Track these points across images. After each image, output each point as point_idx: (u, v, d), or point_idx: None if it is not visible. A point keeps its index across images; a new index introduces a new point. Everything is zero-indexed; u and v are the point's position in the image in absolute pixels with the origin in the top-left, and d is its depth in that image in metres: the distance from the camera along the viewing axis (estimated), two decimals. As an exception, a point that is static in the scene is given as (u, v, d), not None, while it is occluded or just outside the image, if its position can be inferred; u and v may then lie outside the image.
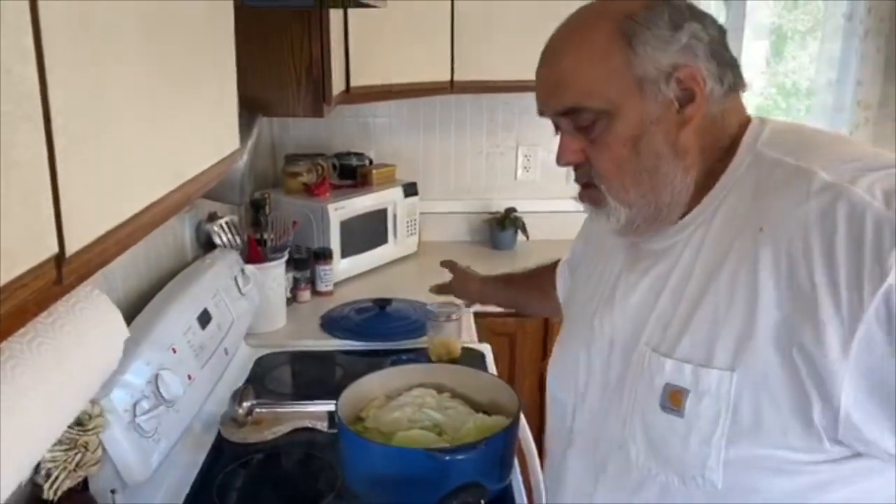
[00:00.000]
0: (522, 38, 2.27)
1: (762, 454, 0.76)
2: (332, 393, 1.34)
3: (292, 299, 2.14)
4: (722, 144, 0.85)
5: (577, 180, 0.89)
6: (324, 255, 2.21)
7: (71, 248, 0.51)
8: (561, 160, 0.87)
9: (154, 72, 0.69)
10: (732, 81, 0.84)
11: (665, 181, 0.83)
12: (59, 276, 0.50)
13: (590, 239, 1.12)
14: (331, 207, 2.23)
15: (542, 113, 0.88)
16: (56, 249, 0.50)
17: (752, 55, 2.93)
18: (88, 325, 0.72)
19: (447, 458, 1.17)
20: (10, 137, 0.44)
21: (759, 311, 0.74)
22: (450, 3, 2.25)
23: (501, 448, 1.24)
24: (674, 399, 0.82)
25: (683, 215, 0.86)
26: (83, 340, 0.71)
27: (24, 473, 0.73)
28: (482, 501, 1.10)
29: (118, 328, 0.81)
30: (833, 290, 0.70)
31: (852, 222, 0.70)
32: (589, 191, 0.88)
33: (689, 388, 0.80)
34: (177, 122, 0.76)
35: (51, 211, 0.49)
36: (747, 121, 0.87)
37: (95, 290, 0.78)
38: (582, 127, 0.83)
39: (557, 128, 0.88)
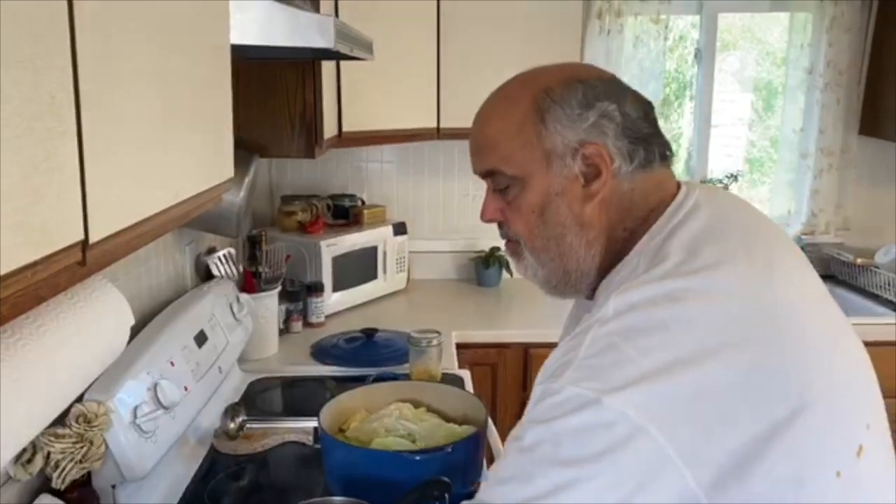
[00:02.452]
0: (504, 89, 2.45)
1: None
2: (319, 411, 1.45)
3: (285, 330, 2.27)
4: (629, 225, 0.87)
5: (500, 235, 0.96)
6: (316, 289, 2.35)
7: (93, 237, 0.65)
8: (483, 217, 0.94)
9: (163, 107, 0.84)
10: (643, 158, 0.86)
11: (570, 251, 0.87)
12: (84, 258, 0.64)
13: None
14: (323, 244, 2.38)
15: (474, 171, 0.94)
16: (82, 236, 0.64)
17: (742, 107, 3.17)
18: (103, 309, 0.86)
19: (417, 458, 1.29)
20: (53, 146, 0.59)
21: None
22: (436, 55, 2.44)
23: (467, 453, 1.36)
24: None
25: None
26: (98, 319, 0.84)
27: (52, 413, 0.84)
28: (446, 496, 1.21)
29: (126, 315, 0.94)
30: None
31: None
32: (511, 244, 0.94)
33: None
34: (179, 149, 0.91)
35: (80, 206, 0.63)
36: (669, 196, 0.88)
37: (109, 282, 0.92)
38: (501, 189, 0.89)
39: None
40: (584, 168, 0.85)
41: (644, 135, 0.87)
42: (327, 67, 1.98)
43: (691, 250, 0.79)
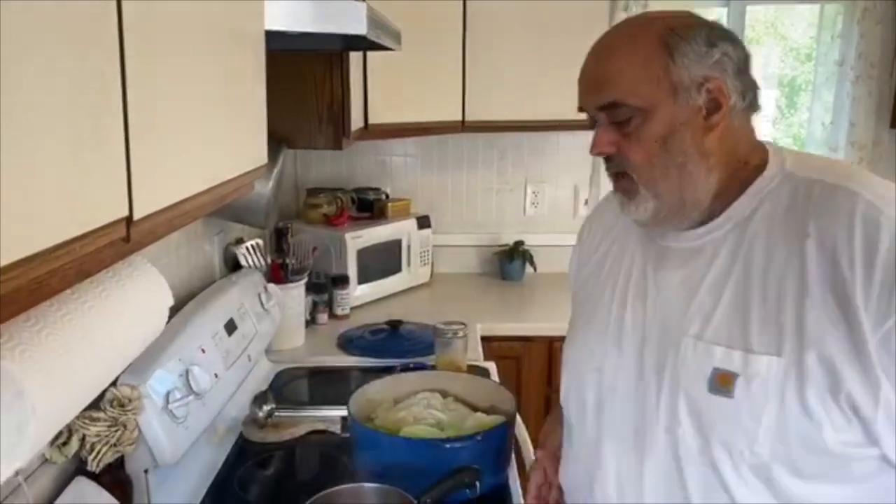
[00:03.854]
0: (529, 82, 2.45)
1: (804, 431, 0.85)
2: (346, 401, 1.45)
3: (311, 321, 2.29)
4: (738, 156, 0.95)
5: (608, 170, 0.98)
6: (341, 281, 2.36)
7: (137, 213, 0.66)
8: (595, 150, 0.96)
9: (202, 90, 0.85)
10: (752, 100, 0.95)
11: (690, 178, 0.93)
12: (128, 234, 0.65)
13: (585, 251, 1.19)
14: (348, 236, 2.39)
15: (581, 108, 0.98)
16: (127, 213, 0.64)
17: (766, 104, 3.13)
18: (143, 287, 0.87)
19: (447, 445, 1.29)
20: (99, 122, 0.59)
21: (807, 306, 0.85)
22: (461, 48, 2.44)
23: (497, 442, 1.36)
24: (723, 382, 0.90)
25: (710, 218, 0.95)
26: (139, 297, 0.85)
27: (92, 393, 0.85)
28: (477, 483, 1.21)
29: (166, 296, 0.95)
30: (869, 290, 0.82)
31: (893, 236, 0.82)
32: (622, 181, 0.96)
33: (739, 371, 0.88)
34: (217, 133, 0.91)
35: (125, 182, 0.63)
36: (758, 143, 0.98)
37: (149, 263, 0.92)
38: (618, 122, 0.93)
39: (594, 123, 0.97)
40: (706, 101, 0.91)
41: (751, 79, 0.95)
42: (354, 58, 1.98)
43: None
